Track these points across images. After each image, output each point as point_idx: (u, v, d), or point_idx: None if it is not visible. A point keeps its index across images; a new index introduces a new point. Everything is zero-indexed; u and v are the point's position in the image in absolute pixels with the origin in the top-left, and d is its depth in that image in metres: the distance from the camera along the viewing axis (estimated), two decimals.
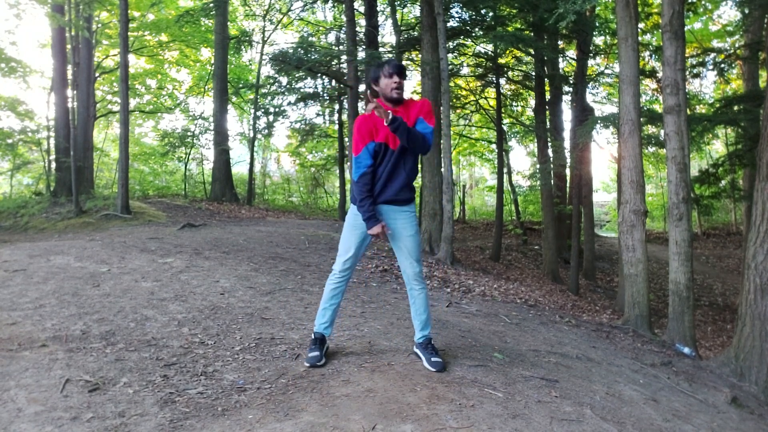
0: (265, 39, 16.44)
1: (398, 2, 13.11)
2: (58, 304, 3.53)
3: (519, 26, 11.89)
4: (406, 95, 2.87)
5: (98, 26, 14.57)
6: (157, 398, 2.25)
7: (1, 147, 14.10)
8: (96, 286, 4.08)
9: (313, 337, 2.89)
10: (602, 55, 13.89)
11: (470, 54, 14.15)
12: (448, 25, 11.22)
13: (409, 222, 2.93)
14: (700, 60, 11.04)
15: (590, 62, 13.43)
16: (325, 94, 15.10)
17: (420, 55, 10.82)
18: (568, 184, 14.27)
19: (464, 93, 16.11)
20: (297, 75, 12.86)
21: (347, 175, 14.67)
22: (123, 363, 2.61)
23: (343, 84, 12.62)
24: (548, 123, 13.05)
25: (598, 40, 13.37)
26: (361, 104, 11.29)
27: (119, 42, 10.68)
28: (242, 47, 16.17)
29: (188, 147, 16.79)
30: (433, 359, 2.78)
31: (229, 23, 15.91)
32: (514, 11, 11.08)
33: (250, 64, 19.66)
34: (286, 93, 14.03)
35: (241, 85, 16.69)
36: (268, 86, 14.09)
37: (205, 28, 15.78)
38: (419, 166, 12.04)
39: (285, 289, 4.59)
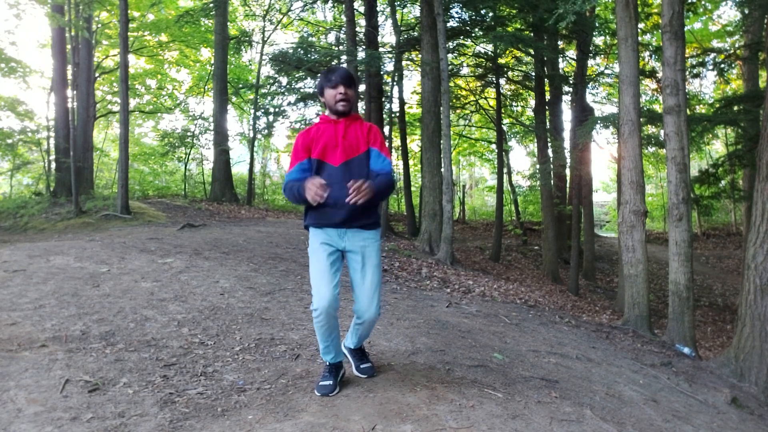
0: (265, 39, 16.45)
1: (398, 2, 13.12)
2: (58, 305, 3.53)
3: (519, 26, 11.90)
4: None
5: (98, 26, 14.58)
6: (157, 398, 2.24)
7: (1, 147, 14.10)
8: (96, 286, 4.08)
9: (327, 364, 2.48)
10: (602, 55, 13.90)
11: (470, 54, 14.16)
12: (448, 25, 11.23)
13: (374, 249, 2.45)
14: (700, 60, 11.04)
15: (590, 62, 13.44)
16: None
17: (420, 55, 10.83)
18: (568, 184, 14.27)
19: (464, 93, 16.12)
20: (297, 75, 12.87)
21: None
22: (123, 363, 2.61)
23: None
24: (548, 123, 13.05)
25: (598, 40, 13.38)
26: (361, 104, 11.29)
27: (119, 42, 10.68)
28: (242, 47, 16.18)
29: (188, 147, 16.79)
30: (362, 366, 2.63)
31: (229, 23, 15.91)
32: (514, 11, 11.09)
33: (250, 64, 19.66)
34: (286, 93, 14.02)
35: (241, 85, 16.69)
36: (268, 86, 14.08)
37: (205, 28, 15.78)
38: (419, 166, 12.02)
39: (285, 289, 4.59)
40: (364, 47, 11.50)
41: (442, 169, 8.65)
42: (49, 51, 12.58)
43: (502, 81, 14.73)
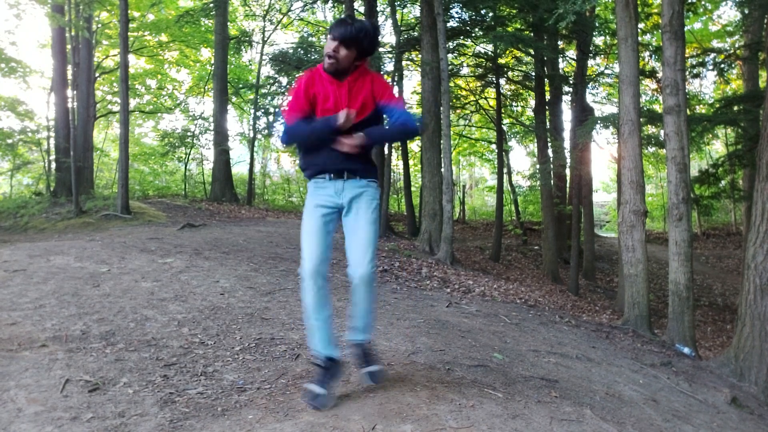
0: (265, 39, 16.45)
1: (398, 2, 13.12)
2: (58, 304, 3.53)
3: (519, 26, 11.90)
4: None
5: (98, 26, 14.58)
6: (157, 398, 2.24)
7: (1, 147, 14.11)
8: (96, 286, 4.08)
9: (319, 361, 2.27)
10: (602, 55, 13.91)
11: (470, 54, 14.16)
12: (448, 25, 11.23)
13: (366, 203, 2.31)
14: (700, 60, 11.04)
15: (590, 62, 13.45)
16: None
17: (420, 55, 10.83)
18: (568, 184, 14.28)
19: (464, 93, 16.12)
20: (297, 75, 12.86)
21: None
22: (123, 363, 2.61)
23: None
24: (548, 123, 13.06)
25: (598, 40, 13.39)
26: None
27: (119, 42, 10.68)
28: (242, 47, 16.18)
29: (188, 147, 16.79)
30: (370, 369, 2.42)
31: (229, 23, 15.92)
32: (514, 11, 11.09)
33: (250, 64, 19.66)
34: (286, 93, 14.02)
35: (241, 85, 16.69)
36: (268, 86, 14.08)
37: (205, 28, 15.78)
38: (419, 166, 12.02)
39: (285, 289, 4.59)
40: None
41: (442, 169, 8.65)
42: (49, 51, 12.59)
43: (502, 81, 14.73)
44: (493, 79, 14.16)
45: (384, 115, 2.34)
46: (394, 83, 12.86)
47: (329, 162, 2.29)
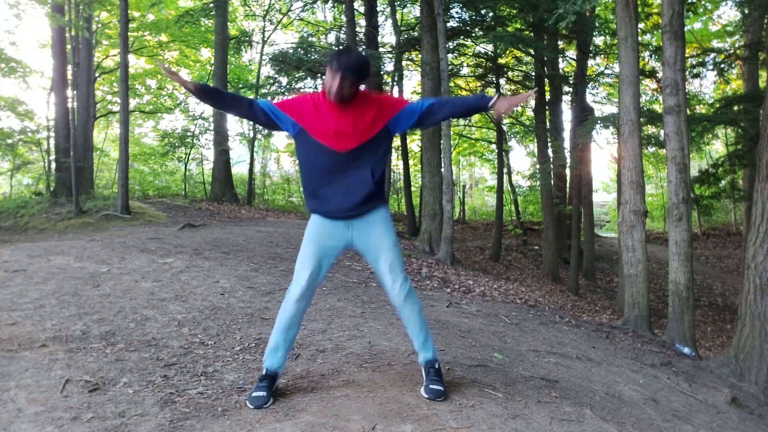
0: (265, 39, 16.45)
1: (398, 2, 13.12)
2: (58, 305, 3.53)
3: (519, 26, 11.90)
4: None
5: (98, 26, 14.57)
6: (157, 398, 2.25)
7: (1, 147, 14.10)
8: (96, 286, 4.08)
9: (263, 372, 2.31)
10: (602, 55, 13.91)
11: (470, 54, 14.17)
12: (448, 25, 11.23)
13: (385, 231, 2.33)
14: (700, 60, 11.05)
15: (590, 62, 13.45)
16: None
17: (420, 55, 10.83)
18: (568, 184, 14.28)
19: (464, 93, 16.12)
20: (297, 75, 12.86)
21: None
22: (123, 363, 2.61)
23: None
24: (548, 123, 13.06)
25: (598, 40, 13.39)
26: None
27: (119, 42, 10.68)
28: (242, 47, 16.17)
29: (188, 147, 16.79)
30: (431, 386, 2.33)
31: (229, 23, 15.91)
32: (514, 11, 11.09)
33: (250, 64, 19.66)
34: (286, 93, 14.02)
35: (241, 85, 16.68)
36: (268, 86, 14.08)
37: (205, 28, 15.78)
38: (420, 166, 12.01)
39: (285, 289, 4.57)
40: (364, 47, 11.50)
41: (442, 169, 8.66)
42: (49, 51, 12.58)
43: (502, 81, 14.74)
44: (493, 79, 14.16)
45: (405, 117, 2.33)
46: (394, 83, 12.87)
47: (339, 210, 2.29)
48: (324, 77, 2.26)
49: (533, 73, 13.48)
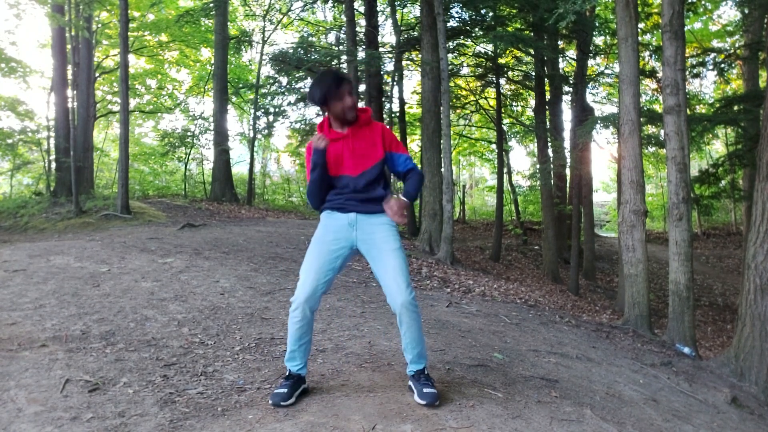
0: (265, 39, 16.45)
1: (398, 2, 13.12)
2: (58, 304, 3.53)
3: (519, 26, 11.90)
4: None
5: (98, 26, 14.57)
6: (157, 398, 2.24)
7: (1, 147, 14.10)
8: (96, 286, 4.08)
9: (287, 372, 2.34)
10: (602, 55, 13.90)
11: (470, 54, 14.16)
12: (448, 25, 11.23)
13: (390, 233, 2.36)
14: (700, 60, 11.04)
15: (590, 62, 13.45)
16: None
17: (420, 55, 10.82)
18: (568, 184, 14.27)
19: (464, 93, 16.11)
20: (297, 75, 12.86)
21: None
22: (123, 363, 2.61)
23: None
24: (548, 123, 13.05)
25: (598, 40, 13.38)
26: (361, 104, 11.28)
27: (119, 42, 10.68)
28: (242, 47, 16.18)
29: (188, 147, 16.79)
30: (425, 390, 2.25)
31: (229, 23, 15.91)
32: (514, 11, 11.09)
33: (250, 64, 19.66)
34: (286, 93, 14.02)
35: (241, 85, 16.69)
36: (268, 86, 14.08)
37: (205, 28, 15.78)
38: (420, 166, 12.06)
39: (285, 289, 4.59)
40: (364, 47, 11.51)
41: (442, 169, 8.65)
42: (49, 51, 12.58)
43: (502, 81, 14.73)
44: (493, 78, 14.16)
45: (390, 162, 2.45)
46: (394, 83, 12.88)
47: (347, 205, 2.38)
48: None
49: (533, 73, 13.47)
